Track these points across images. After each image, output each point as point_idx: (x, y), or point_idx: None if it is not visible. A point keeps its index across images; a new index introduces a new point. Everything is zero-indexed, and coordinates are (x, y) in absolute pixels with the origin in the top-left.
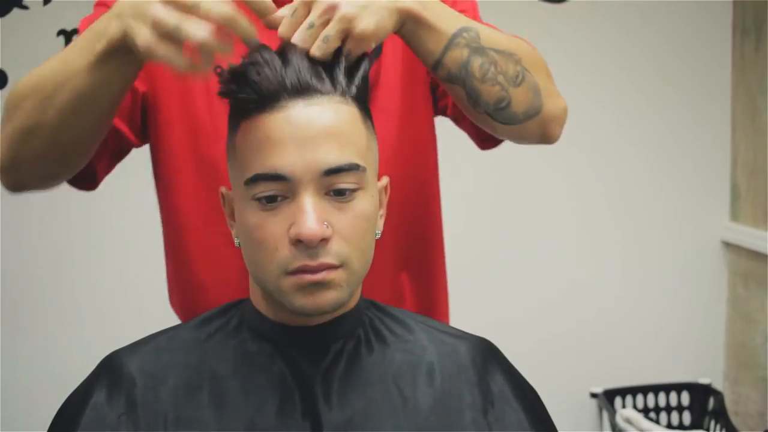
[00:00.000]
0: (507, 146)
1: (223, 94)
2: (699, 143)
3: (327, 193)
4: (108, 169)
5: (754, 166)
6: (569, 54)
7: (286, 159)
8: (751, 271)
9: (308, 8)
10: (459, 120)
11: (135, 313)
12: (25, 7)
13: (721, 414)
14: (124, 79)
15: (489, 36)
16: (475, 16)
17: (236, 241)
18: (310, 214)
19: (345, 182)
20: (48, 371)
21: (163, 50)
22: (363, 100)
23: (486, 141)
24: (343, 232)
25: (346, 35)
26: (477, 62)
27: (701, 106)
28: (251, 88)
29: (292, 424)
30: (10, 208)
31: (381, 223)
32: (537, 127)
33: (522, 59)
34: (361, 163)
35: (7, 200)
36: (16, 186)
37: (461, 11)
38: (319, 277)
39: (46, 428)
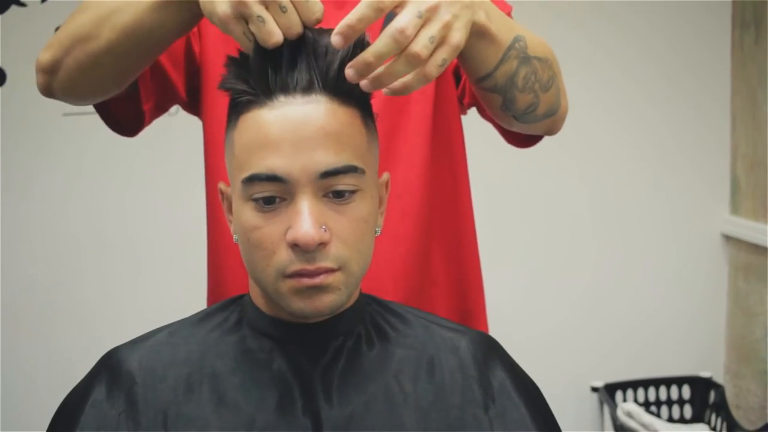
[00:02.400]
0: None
1: (222, 86)
2: (699, 137)
3: (325, 195)
4: (153, 114)
5: (753, 159)
6: (569, 50)
7: (282, 160)
8: (751, 265)
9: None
10: (480, 110)
11: (136, 311)
12: (23, 5)
13: (722, 407)
14: (181, 26)
15: (532, 43)
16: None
17: (234, 237)
18: (307, 218)
19: (343, 184)
20: (48, 369)
21: (238, 30)
22: (364, 100)
23: (514, 140)
24: (342, 235)
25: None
26: (522, 73)
27: (701, 100)
28: (251, 82)
29: (292, 420)
30: (15, 205)
31: (381, 220)
32: (548, 125)
33: (553, 63)
34: (359, 165)
35: (13, 197)
36: (46, 88)
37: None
38: (317, 281)
39: (46, 426)
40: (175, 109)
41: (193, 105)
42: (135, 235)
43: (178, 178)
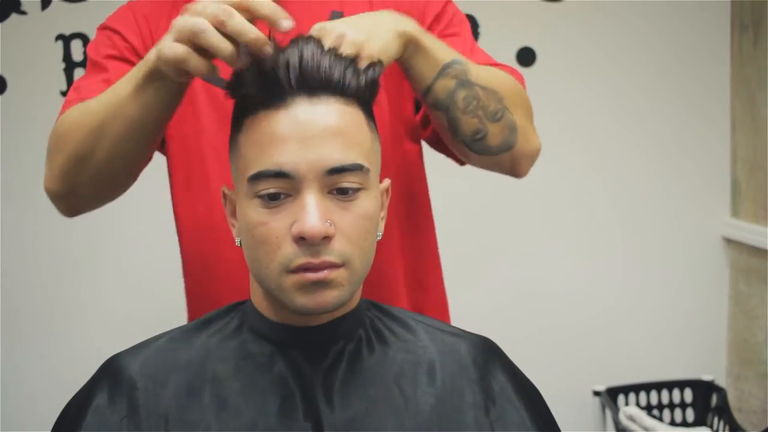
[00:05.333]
0: None
1: (229, 86)
2: (699, 139)
3: (330, 192)
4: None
5: (753, 161)
6: (569, 52)
7: (289, 156)
8: (752, 267)
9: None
10: (434, 143)
11: (138, 316)
12: (24, 12)
13: (724, 410)
14: (164, 104)
15: (477, 72)
16: (467, 38)
17: (237, 240)
18: (313, 211)
19: (348, 181)
20: (49, 373)
21: (188, 56)
22: (368, 102)
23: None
24: (346, 231)
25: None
26: (462, 94)
27: (700, 103)
28: (257, 85)
29: (293, 425)
30: (15, 212)
31: (382, 225)
32: (508, 162)
33: (504, 98)
34: (365, 164)
35: (10, 203)
36: (72, 210)
37: (453, 34)
38: (321, 275)
39: (48, 431)
40: None
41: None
42: (134, 242)
43: None
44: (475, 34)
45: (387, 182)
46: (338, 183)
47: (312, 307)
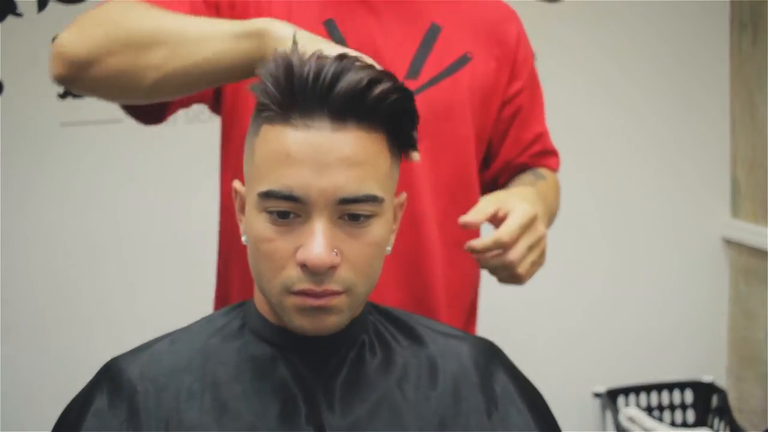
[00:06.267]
0: None
1: (253, 90)
2: (698, 139)
3: (341, 217)
4: (179, 105)
5: (753, 161)
6: (567, 52)
7: (302, 181)
8: (752, 268)
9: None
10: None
11: (138, 318)
12: (20, 14)
13: (724, 411)
14: (241, 68)
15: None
16: (531, 105)
17: (243, 237)
18: (320, 240)
19: (361, 210)
20: (50, 374)
21: None
22: (393, 124)
23: None
24: (352, 259)
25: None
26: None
27: (700, 102)
28: (282, 98)
29: (295, 428)
30: (13, 214)
31: (392, 239)
32: None
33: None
34: (378, 194)
35: (11, 203)
36: (69, 80)
37: (523, 101)
38: (321, 302)
39: (48, 431)
40: (173, 119)
41: (216, 105)
42: (132, 244)
43: (175, 188)
44: None
45: (403, 196)
46: (350, 210)
47: (309, 330)
